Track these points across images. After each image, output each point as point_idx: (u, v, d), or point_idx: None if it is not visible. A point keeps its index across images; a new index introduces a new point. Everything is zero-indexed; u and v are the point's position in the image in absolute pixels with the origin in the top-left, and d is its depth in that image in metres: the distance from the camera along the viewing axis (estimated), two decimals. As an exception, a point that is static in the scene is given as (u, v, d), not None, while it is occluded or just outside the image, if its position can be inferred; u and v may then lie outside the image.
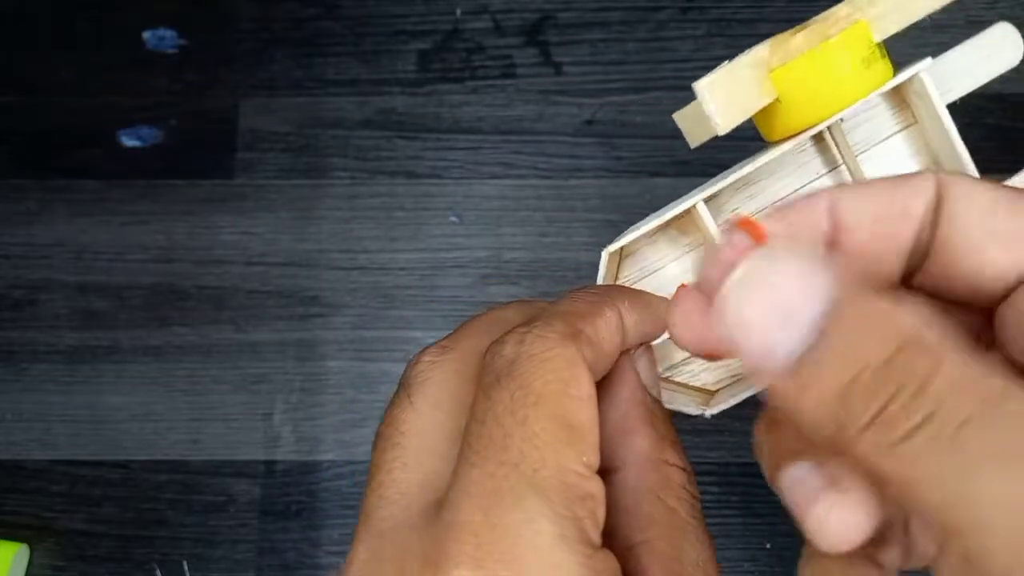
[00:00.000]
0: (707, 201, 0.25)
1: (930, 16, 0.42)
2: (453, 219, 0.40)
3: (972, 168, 0.25)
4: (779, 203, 0.23)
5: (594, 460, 0.18)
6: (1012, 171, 0.39)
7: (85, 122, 0.42)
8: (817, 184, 0.26)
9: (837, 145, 0.26)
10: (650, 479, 0.20)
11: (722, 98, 0.22)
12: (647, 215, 0.39)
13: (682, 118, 0.25)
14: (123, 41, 0.43)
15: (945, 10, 0.43)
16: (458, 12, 0.42)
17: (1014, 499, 0.12)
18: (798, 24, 0.24)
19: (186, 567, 0.36)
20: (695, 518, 0.20)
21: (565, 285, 0.39)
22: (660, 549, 0.19)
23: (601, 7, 0.42)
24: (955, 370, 0.14)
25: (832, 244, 0.18)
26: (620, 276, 0.27)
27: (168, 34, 0.43)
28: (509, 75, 0.41)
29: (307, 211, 0.40)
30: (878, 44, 0.23)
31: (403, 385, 0.21)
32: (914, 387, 0.14)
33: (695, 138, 0.25)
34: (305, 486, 0.37)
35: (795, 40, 0.23)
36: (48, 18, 0.43)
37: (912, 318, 0.14)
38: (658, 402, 0.21)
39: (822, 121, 0.23)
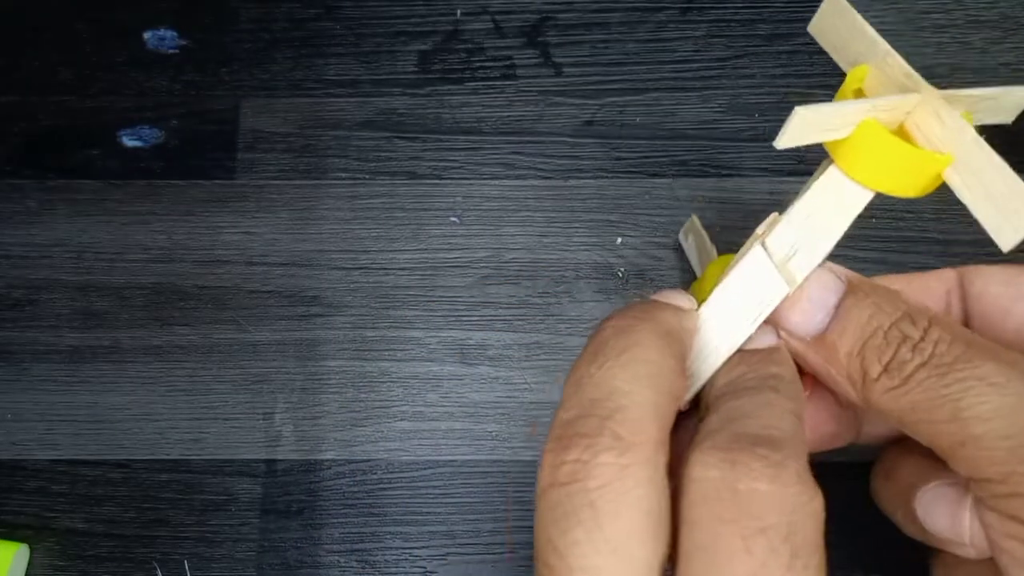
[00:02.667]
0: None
1: (927, 15, 0.43)
2: (453, 219, 0.40)
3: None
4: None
5: None
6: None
7: (85, 122, 0.42)
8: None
9: None
10: None
11: (802, 131, 0.20)
12: (647, 215, 0.39)
13: (804, 116, 0.21)
14: (123, 41, 0.43)
15: (945, 10, 0.43)
16: (458, 13, 0.42)
17: (998, 413, 0.16)
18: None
19: (187, 566, 0.36)
20: None
21: (565, 285, 0.39)
22: None
23: (601, 8, 0.42)
24: (944, 329, 0.18)
25: None
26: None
27: (168, 34, 0.43)
28: (509, 76, 0.42)
29: (308, 211, 0.40)
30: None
31: (582, 500, 0.15)
32: (914, 340, 0.18)
33: (792, 141, 0.21)
34: (306, 485, 0.37)
35: (909, 111, 0.21)
36: (48, 18, 0.43)
37: (911, 299, 0.19)
38: None
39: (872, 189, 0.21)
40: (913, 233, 0.38)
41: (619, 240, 0.39)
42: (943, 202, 0.39)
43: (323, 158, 0.41)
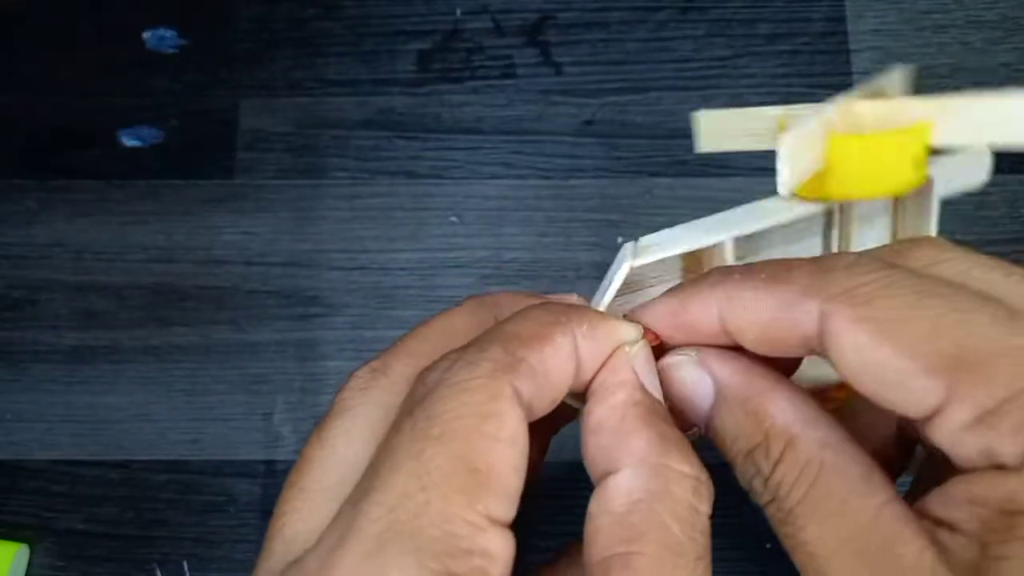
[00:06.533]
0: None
1: (928, 15, 0.43)
2: (453, 219, 0.40)
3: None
4: (673, 289, 0.22)
5: (499, 511, 0.16)
6: (1011, 171, 0.39)
7: (85, 122, 0.42)
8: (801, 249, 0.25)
9: (841, 212, 0.25)
10: (646, 485, 0.17)
11: (796, 162, 0.19)
12: (647, 215, 0.39)
13: (707, 120, 0.22)
14: (123, 41, 0.43)
15: (945, 11, 0.43)
16: (458, 12, 0.42)
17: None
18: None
19: (186, 567, 0.36)
20: (693, 539, 0.17)
21: (565, 285, 0.39)
22: (639, 566, 0.16)
23: (601, 7, 0.42)
24: (793, 464, 0.18)
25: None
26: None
27: (168, 34, 0.43)
28: (509, 75, 0.42)
29: (307, 211, 0.40)
30: (927, 149, 0.21)
31: (328, 414, 0.20)
32: (764, 476, 0.18)
33: (710, 145, 0.22)
34: (305, 486, 0.37)
35: (861, 109, 0.20)
36: (48, 18, 0.43)
37: (776, 417, 0.18)
38: (659, 403, 0.20)
39: (851, 198, 0.22)
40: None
41: (619, 240, 0.39)
42: (943, 202, 0.39)
43: (323, 158, 0.41)
